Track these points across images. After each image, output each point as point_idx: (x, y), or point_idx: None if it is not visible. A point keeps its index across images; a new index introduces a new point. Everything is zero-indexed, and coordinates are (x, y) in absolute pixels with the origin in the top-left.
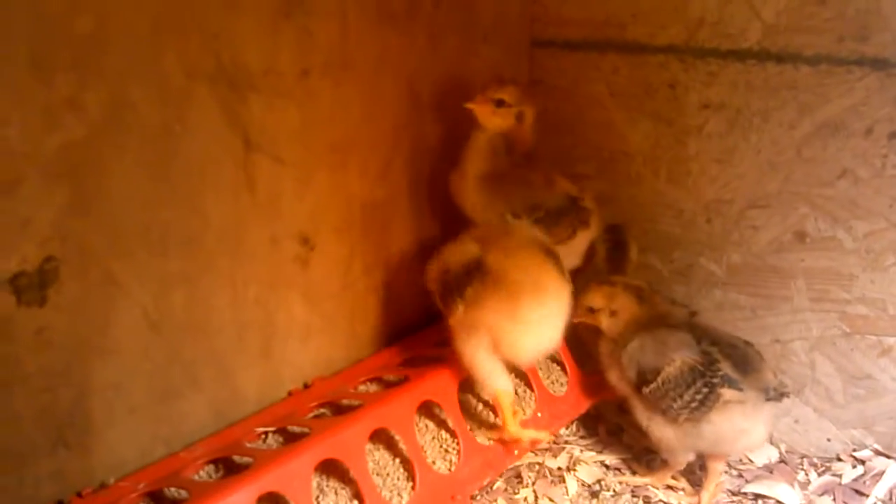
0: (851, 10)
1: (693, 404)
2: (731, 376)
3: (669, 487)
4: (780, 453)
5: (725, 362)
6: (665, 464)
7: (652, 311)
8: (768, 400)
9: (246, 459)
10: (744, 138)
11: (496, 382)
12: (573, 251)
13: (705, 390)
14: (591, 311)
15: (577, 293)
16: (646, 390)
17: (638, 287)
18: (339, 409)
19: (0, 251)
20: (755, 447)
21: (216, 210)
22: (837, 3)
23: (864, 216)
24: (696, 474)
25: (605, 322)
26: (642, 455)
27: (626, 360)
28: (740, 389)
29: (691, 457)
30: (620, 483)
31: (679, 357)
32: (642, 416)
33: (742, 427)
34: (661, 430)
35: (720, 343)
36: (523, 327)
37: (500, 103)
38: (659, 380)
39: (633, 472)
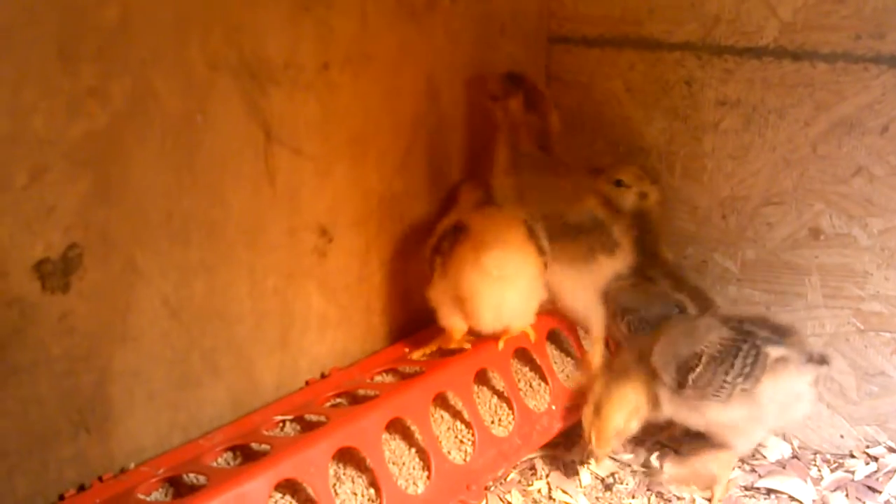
0: (868, 7)
1: (746, 370)
2: (772, 336)
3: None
4: (793, 449)
5: (762, 330)
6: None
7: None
8: (809, 362)
9: (264, 447)
10: (759, 135)
11: (449, 321)
12: (592, 277)
13: (753, 352)
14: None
15: None
16: (692, 377)
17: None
18: (356, 399)
19: (26, 238)
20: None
21: (236, 200)
22: (854, 1)
23: (879, 213)
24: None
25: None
26: (654, 448)
27: (660, 360)
28: (784, 346)
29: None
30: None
31: (715, 335)
32: (694, 416)
33: (796, 389)
34: (717, 416)
35: (747, 320)
36: (484, 282)
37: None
38: (703, 362)
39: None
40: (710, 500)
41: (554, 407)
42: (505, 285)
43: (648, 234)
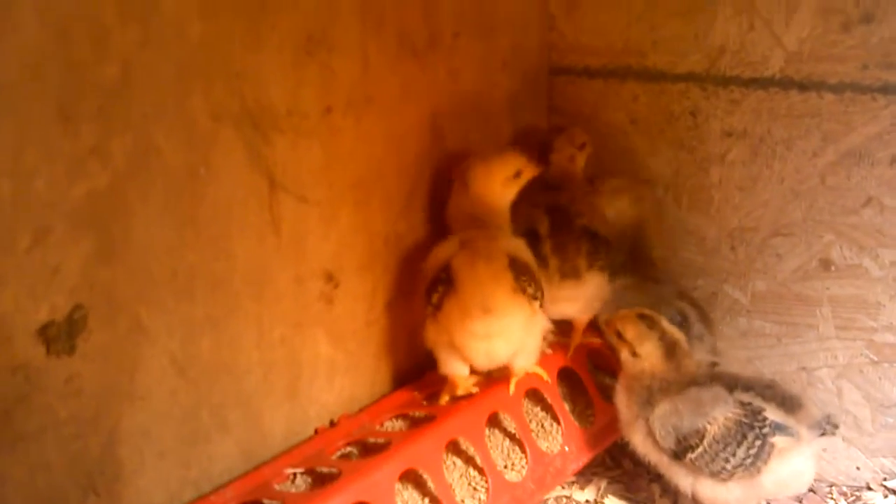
0: (875, 37)
1: (748, 460)
2: (779, 423)
3: None
4: None
5: (769, 405)
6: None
7: (676, 373)
8: (822, 435)
9: (276, 503)
10: (767, 166)
11: (449, 368)
12: (581, 292)
13: (758, 443)
14: (619, 336)
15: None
16: (692, 456)
17: (673, 342)
18: (367, 448)
19: (30, 302)
20: (808, 483)
21: (242, 252)
22: (861, 31)
23: (890, 244)
24: None
25: (623, 356)
26: (669, 486)
27: (659, 427)
28: (791, 435)
29: None
30: None
31: (720, 413)
32: (686, 482)
33: (800, 468)
34: (713, 493)
35: (754, 387)
36: (472, 338)
37: None
38: (705, 443)
39: None
40: None
41: (567, 448)
42: (494, 340)
43: (643, 240)
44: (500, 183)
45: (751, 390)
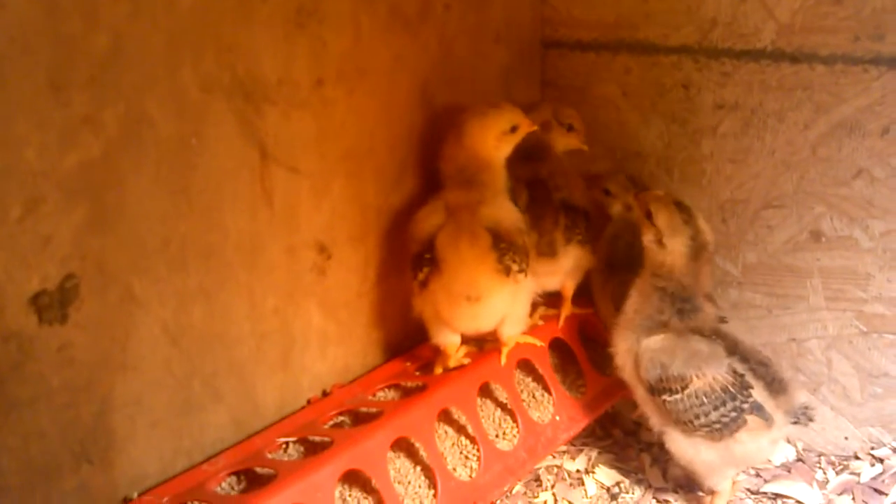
0: (867, 9)
1: (717, 425)
2: (759, 404)
3: (690, 490)
4: (798, 452)
5: (757, 383)
6: (713, 492)
7: (694, 279)
8: (794, 423)
9: (268, 471)
10: (758, 138)
11: (440, 338)
12: (558, 267)
13: (733, 414)
14: (649, 217)
15: None
16: (667, 399)
17: (702, 244)
18: (359, 417)
19: (21, 271)
20: (765, 460)
21: (234, 222)
22: (853, 3)
23: (880, 215)
24: None
25: (647, 239)
26: (659, 456)
27: (648, 358)
28: (766, 420)
29: (731, 474)
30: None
31: (710, 372)
32: (655, 421)
33: (764, 447)
34: (676, 441)
35: (749, 360)
36: (459, 316)
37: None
38: (685, 392)
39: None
40: None
41: (558, 417)
42: (480, 317)
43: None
44: (495, 137)
45: (747, 362)
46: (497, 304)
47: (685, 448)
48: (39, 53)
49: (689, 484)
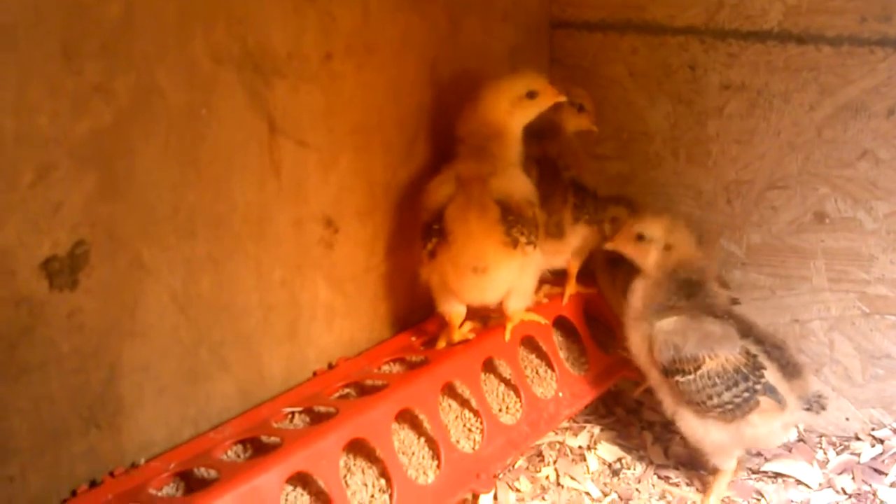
0: None
1: (729, 406)
2: (772, 386)
3: (692, 468)
4: (799, 432)
5: (771, 365)
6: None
7: (709, 258)
8: (806, 410)
9: (274, 439)
10: (764, 119)
11: (446, 306)
12: (565, 247)
13: (746, 395)
14: (641, 238)
15: None
16: (680, 380)
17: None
18: (364, 390)
19: (33, 236)
20: (777, 444)
21: (242, 193)
22: None
23: (884, 197)
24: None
25: (653, 256)
26: (661, 434)
27: (662, 340)
28: (779, 402)
29: (737, 452)
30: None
31: (723, 353)
32: (668, 401)
33: (776, 430)
34: (689, 422)
35: (764, 342)
36: (466, 287)
37: None
38: (697, 373)
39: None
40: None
41: (561, 394)
42: (486, 289)
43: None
44: (509, 101)
45: (761, 344)
46: (503, 276)
47: (696, 428)
48: (52, 21)
49: (690, 462)
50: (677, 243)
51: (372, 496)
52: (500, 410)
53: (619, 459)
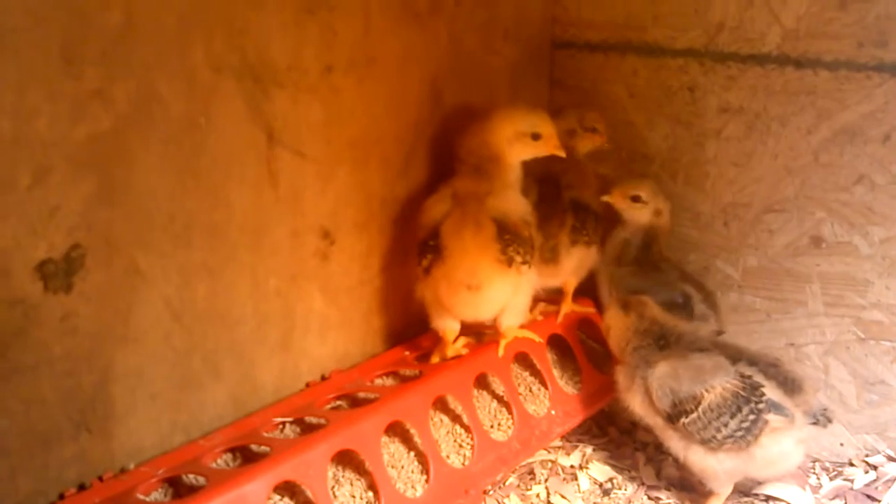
0: (871, 15)
1: (739, 433)
2: (775, 401)
3: (683, 489)
4: None
5: (769, 383)
6: (711, 493)
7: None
8: (814, 424)
9: (263, 448)
10: (762, 143)
11: (440, 323)
12: (560, 271)
13: (752, 417)
14: (636, 200)
15: None
16: (685, 421)
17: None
18: (356, 402)
19: (29, 238)
20: (794, 466)
21: (239, 203)
22: (857, 9)
23: (880, 222)
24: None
25: (644, 217)
26: (654, 455)
27: (657, 388)
28: (787, 416)
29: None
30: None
31: (719, 383)
32: (678, 446)
33: (788, 450)
34: (703, 461)
35: (758, 363)
36: (460, 304)
37: None
38: (700, 410)
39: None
40: None
41: (553, 412)
42: (480, 306)
43: (655, 244)
44: (512, 133)
45: (755, 365)
46: (497, 294)
47: (710, 463)
48: (53, 26)
49: (681, 484)
50: (664, 210)
51: None
52: (491, 427)
53: (611, 479)
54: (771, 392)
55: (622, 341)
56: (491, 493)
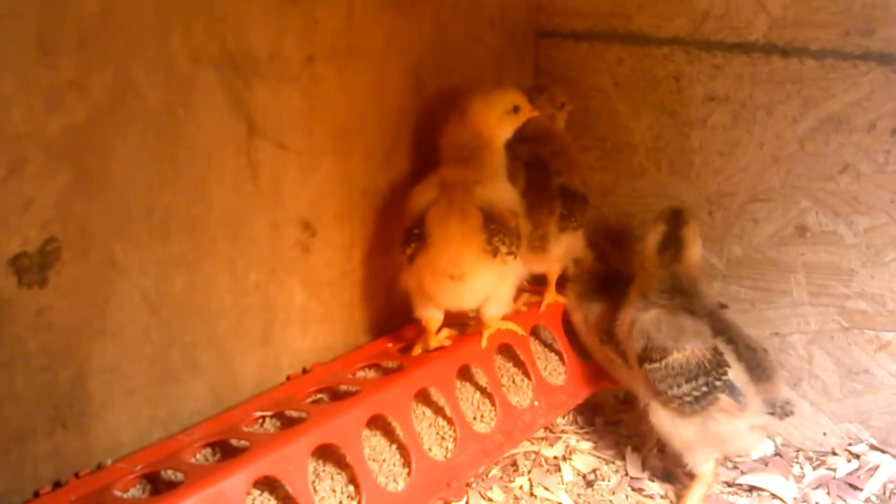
0: (858, 4)
1: (687, 398)
2: (734, 385)
3: (667, 482)
4: (776, 446)
5: (738, 366)
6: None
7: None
8: (770, 415)
9: (243, 443)
10: (747, 131)
11: (423, 312)
12: (548, 258)
13: (704, 390)
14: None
15: None
16: (648, 367)
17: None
18: (337, 395)
19: (2, 232)
20: (750, 450)
21: (218, 194)
22: None
23: (865, 211)
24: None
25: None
26: (639, 446)
27: (639, 328)
28: (739, 402)
29: (712, 457)
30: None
31: (690, 347)
32: (642, 394)
33: (741, 432)
34: (660, 415)
35: (737, 343)
36: (443, 293)
37: None
38: (663, 362)
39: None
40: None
41: (537, 403)
42: (464, 295)
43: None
44: (498, 116)
45: (733, 344)
46: (481, 284)
47: (663, 420)
48: (27, 14)
49: (666, 475)
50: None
51: (340, 502)
52: (474, 418)
53: (594, 471)
54: (736, 375)
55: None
56: (474, 485)
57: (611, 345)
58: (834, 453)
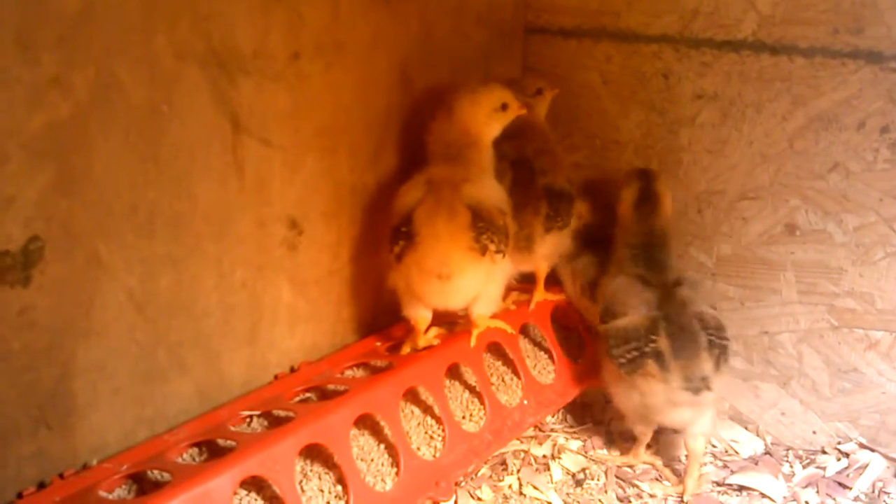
0: (847, 2)
1: (622, 360)
2: (660, 352)
3: (656, 479)
4: (766, 445)
5: (664, 340)
6: (634, 440)
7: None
8: (685, 389)
9: (230, 443)
10: (736, 129)
11: (412, 311)
12: (534, 258)
13: (634, 353)
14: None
15: None
16: (602, 327)
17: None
18: (325, 394)
19: None
20: (689, 429)
21: (203, 192)
22: None
23: (854, 210)
24: (682, 463)
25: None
26: (629, 446)
27: (603, 294)
28: (662, 369)
29: (648, 429)
30: (597, 463)
31: (634, 313)
32: (600, 351)
33: (660, 402)
34: (605, 372)
35: (671, 319)
36: (431, 292)
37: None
38: (611, 324)
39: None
40: (681, 494)
41: (526, 402)
42: (452, 295)
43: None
44: (486, 113)
45: (668, 320)
46: (469, 283)
47: (606, 375)
48: (7, 9)
49: (655, 475)
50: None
51: (328, 502)
52: (463, 417)
53: (584, 470)
54: (664, 346)
55: None
56: (462, 484)
57: (591, 298)
58: (823, 452)
